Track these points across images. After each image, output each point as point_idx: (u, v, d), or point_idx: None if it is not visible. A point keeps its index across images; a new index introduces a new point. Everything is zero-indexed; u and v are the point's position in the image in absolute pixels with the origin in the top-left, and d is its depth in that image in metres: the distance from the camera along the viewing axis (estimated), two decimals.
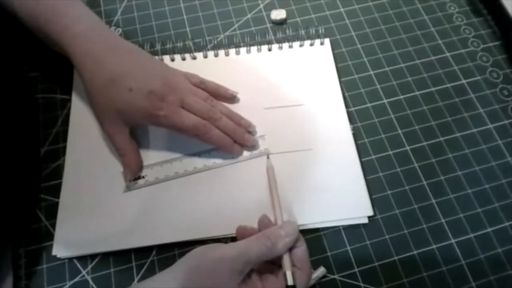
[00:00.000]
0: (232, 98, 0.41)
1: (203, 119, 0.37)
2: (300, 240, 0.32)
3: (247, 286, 0.29)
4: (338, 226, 0.36)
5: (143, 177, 0.38)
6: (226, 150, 0.38)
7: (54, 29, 0.36)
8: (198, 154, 0.39)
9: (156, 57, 0.44)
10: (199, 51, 0.45)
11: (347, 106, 0.42)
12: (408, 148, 0.40)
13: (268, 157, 0.38)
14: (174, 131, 0.37)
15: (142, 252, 0.35)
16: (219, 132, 0.37)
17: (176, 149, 0.39)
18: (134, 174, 0.38)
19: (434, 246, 0.36)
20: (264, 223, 0.33)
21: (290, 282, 0.29)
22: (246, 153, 0.39)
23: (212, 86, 0.41)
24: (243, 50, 0.45)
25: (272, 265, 0.32)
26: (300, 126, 0.40)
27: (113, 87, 0.35)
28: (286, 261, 0.30)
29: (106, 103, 0.36)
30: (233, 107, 0.41)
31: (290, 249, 0.31)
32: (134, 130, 0.39)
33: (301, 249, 0.31)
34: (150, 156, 0.39)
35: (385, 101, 0.42)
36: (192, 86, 0.39)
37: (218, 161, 0.39)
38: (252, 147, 0.39)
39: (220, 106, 0.39)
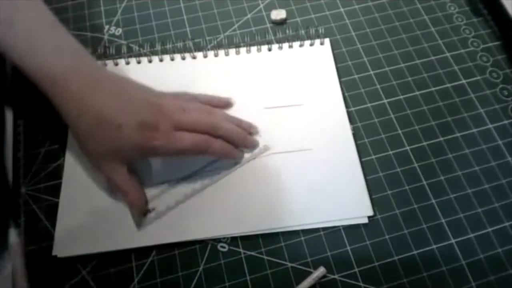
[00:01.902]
0: (227, 105, 0.41)
1: (203, 132, 0.35)
2: None
3: None
4: (338, 226, 0.36)
5: (153, 209, 0.36)
6: (229, 158, 0.38)
7: (28, 67, 0.33)
8: (202, 169, 0.38)
9: (155, 57, 0.44)
10: (199, 51, 0.45)
11: (347, 106, 0.42)
12: (408, 148, 0.40)
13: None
14: (173, 156, 0.35)
15: (142, 252, 0.35)
16: (220, 143, 0.36)
17: (177, 171, 0.38)
18: (141, 211, 0.36)
19: (434, 246, 0.36)
20: None
21: None
22: (246, 155, 0.39)
23: (204, 99, 0.40)
24: (243, 50, 0.45)
25: None
26: (300, 126, 0.40)
27: (101, 128, 0.33)
28: None
29: (97, 146, 0.34)
30: (233, 107, 0.41)
31: None
32: (132, 164, 0.36)
33: None
34: (153, 186, 0.37)
35: (385, 101, 0.42)
36: (182, 103, 0.37)
37: (222, 171, 0.38)
38: (253, 148, 0.39)
39: (217, 112, 0.38)
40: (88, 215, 0.37)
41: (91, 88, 0.34)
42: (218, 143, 0.36)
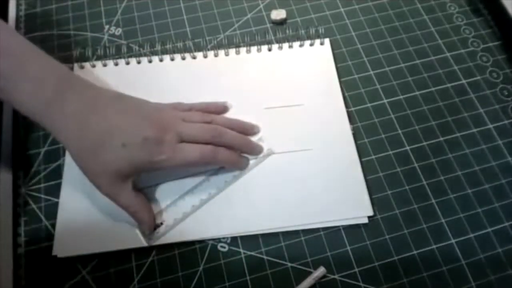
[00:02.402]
0: (225, 110, 0.41)
1: (207, 142, 0.35)
2: None
3: None
4: (338, 226, 0.36)
5: (161, 223, 0.36)
6: (236, 167, 0.38)
7: (17, 97, 0.32)
8: (207, 178, 0.38)
9: (155, 57, 0.44)
10: (199, 51, 0.45)
11: (347, 106, 0.42)
12: (408, 148, 0.40)
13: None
14: (179, 169, 0.35)
15: (142, 252, 0.35)
16: (226, 152, 0.36)
17: (183, 183, 0.37)
18: (151, 228, 0.35)
19: (434, 246, 0.36)
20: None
21: None
22: (251, 161, 0.39)
23: (200, 107, 0.39)
24: (243, 50, 0.45)
25: None
26: (300, 126, 0.40)
27: (103, 148, 0.32)
28: None
29: (100, 167, 0.33)
30: (233, 107, 0.41)
31: None
32: (136, 180, 0.36)
33: None
34: (160, 200, 0.37)
35: (385, 101, 0.42)
36: (182, 113, 0.37)
37: (228, 178, 0.38)
38: (258, 153, 0.39)
39: (218, 119, 0.38)
40: (88, 215, 0.36)
41: (88, 107, 0.33)
42: (223, 152, 0.36)
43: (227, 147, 0.36)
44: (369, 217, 0.37)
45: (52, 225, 0.36)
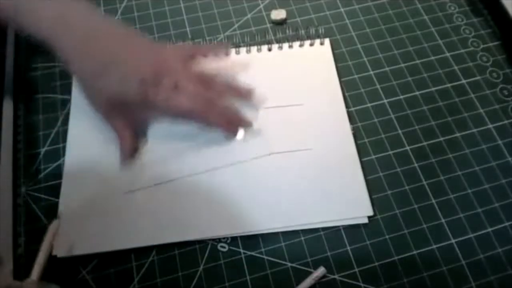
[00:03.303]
0: (225, 52, 0.42)
1: (200, 100, 0.36)
2: None
3: None
4: (338, 226, 0.36)
5: (139, 159, 0.38)
6: (224, 130, 0.38)
7: (27, 22, 0.34)
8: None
9: None
10: None
11: (347, 106, 0.42)
12: (408, 148, 0.40)
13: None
14: (170, 116, 0.36)
15: (142, 252, 0.35)
16: (217, 113, 0.37)
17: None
18: (128, 159, 0.38)
19: (434, 246, 0.36)
20: None
21: None
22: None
23: (206, 50, 0.40)
24: (243, 50, 0.45)
25: None
26: (300, 126, 0.40)
27: (102, 78, 0.34)
28: None
29: (98, 95, 0.35)
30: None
31: None
32: (132, 119, 0.38)
33: None
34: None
35: (385, 101, 0.42)
36: (185, 64, 0.37)
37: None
38: (247, 125, 0.39)
39: (217, 85, 0.38)
40: (88, 215, 0.37)
41: (92, 36, 0.34)
42: (214, 112, 0.36)
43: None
44: (369, 217, 0.36)
45: None
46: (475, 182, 0.38)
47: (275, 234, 0.36)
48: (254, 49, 0.45)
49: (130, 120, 0.37)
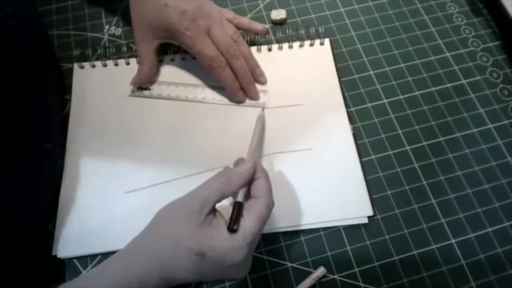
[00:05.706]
0: (264, 31, 0.44)
1: (222, 52, 0.39)
2: (259, 172, 0.31)
3: (211, 225, 0.29)
4: (338, 226, 0.36)
5: (149, 89, 0.42)
6: (231, 93, 0.41)
7: None
8: (204, 85, 0.42)
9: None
10: None
11: (347, 106, 0.42)
12: (408, 148, 0.40)
13: (263, 110, 0.40)
14: (192, 53, 0.39)
15: None
16: (230, 73, 0.40)
17: (188, 76, 0.43)
18: (141, 83, 0.42)
19: (434, 246, 0.36)
20: (238, 164, 0.33)
21: (239, 198, 0.30)
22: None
23: (245, 22, 0.44)
24: None
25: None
26: (300, 126, 0.40)
27: (149, 2, 0.38)
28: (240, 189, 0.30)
29: (141, 13, 0.39)
30: (233, 107, 0.41)
31: (251, 183, 0.31)
32: (158, 49, 0.41)
33: (260, 180, 0.31)
34: (161, 74, 0.43)
35: (385, 101, 0.42)
36: (224, 19, 0.41)
37: (218, 97, 0.42)
38: (252, 98, 0.41)
39: (243, 48, 0.41)
40: (88, 215, 0.37)
41: None
42: (228, 71, 0.39)
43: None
44: (369, 217, 0.37)
45: (52, 225, 0.36)
46: (475, 182, 0.38)
47: (275, 234, 0.36)
48: (254, 49, 0.45)
49: (156, 49, 0.41)
